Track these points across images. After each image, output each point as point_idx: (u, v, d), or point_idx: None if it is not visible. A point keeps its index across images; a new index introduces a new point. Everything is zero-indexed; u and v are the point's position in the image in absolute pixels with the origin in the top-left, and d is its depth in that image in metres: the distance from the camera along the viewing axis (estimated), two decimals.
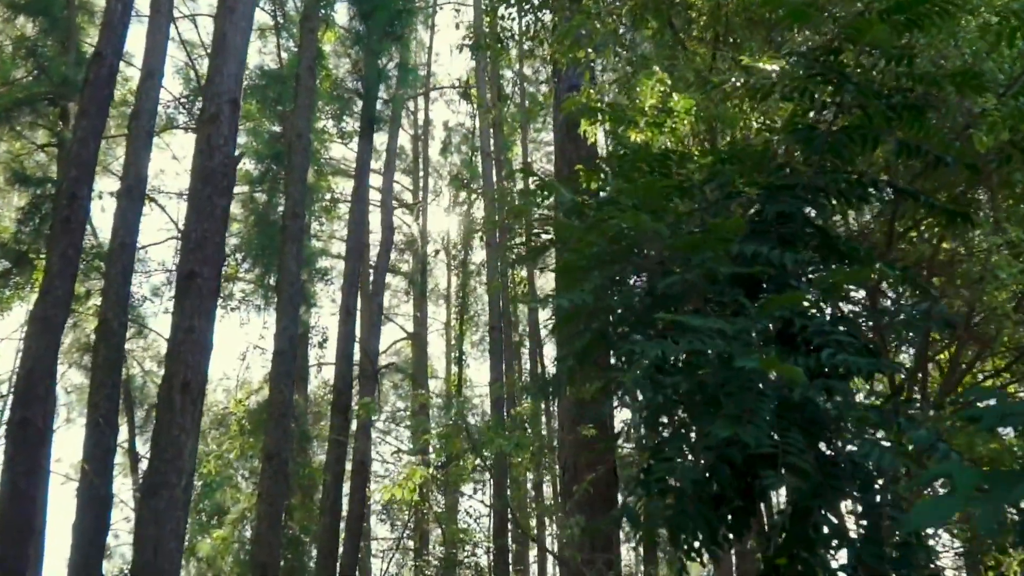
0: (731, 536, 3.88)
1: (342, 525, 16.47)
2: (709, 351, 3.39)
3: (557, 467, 23.79)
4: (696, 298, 3.89)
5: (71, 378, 25.78)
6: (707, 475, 3.38)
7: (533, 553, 26.89)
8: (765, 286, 4.05)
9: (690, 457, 3.91)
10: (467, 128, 33.13)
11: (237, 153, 9.69)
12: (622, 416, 18.14)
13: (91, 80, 11.84)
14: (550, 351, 30.34)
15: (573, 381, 4.07)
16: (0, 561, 9.88)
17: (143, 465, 21.23)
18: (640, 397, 3.99)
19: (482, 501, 16.85)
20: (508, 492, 13.12)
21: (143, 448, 22.45)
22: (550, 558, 26.72)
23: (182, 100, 25.66)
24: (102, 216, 29.48)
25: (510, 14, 11.15)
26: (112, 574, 19.82)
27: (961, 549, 8.73)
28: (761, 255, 3.72)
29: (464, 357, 31.49)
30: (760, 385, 3.37)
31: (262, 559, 14.59)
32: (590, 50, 9.67)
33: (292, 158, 17.47)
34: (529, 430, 13.00)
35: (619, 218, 3.70)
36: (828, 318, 4.09)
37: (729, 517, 3.99)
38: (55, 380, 11.59)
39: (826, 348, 3.58)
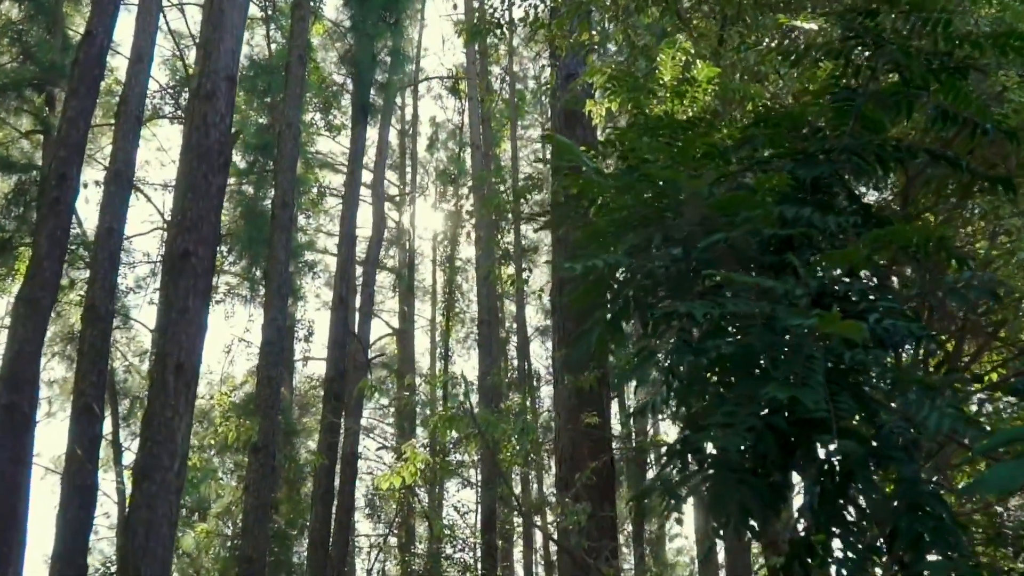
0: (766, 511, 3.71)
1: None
2: (755, 312, 3.23)
3: (545, 461, 23.68)
4: (732, 262, 3.72)
5: (51, 371, 25.43)
6: (751, 444, 3.21)
7: (518, 551, 26.73)
8: (796, 253, 3.89)
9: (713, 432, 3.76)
10: (454, 124, 32.98)
11: (233, 132, 9.49)
12: (624, 404, 17.99)
13: (81, 60, 11.63)
14: (536, 348, 30.28)
15: (602, 351, 3.90)
16: None
17: (126, 458, 20.96)
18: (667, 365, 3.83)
19: (476, 484, 16.72)
20: (502, 485, 12.85)
21: (126, 442, 22.17)
22: (536, 556, 26.60)
23: (168, 91, 25.42)
24: (86, 207, 29.15)
25: None
26: (92, 567, 19.47)
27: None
28: (803, 217, 3.56)
29: (450, 353, 31.33)
30: (809, 349, 3.21)
31: (248, 552, 14.40)
32: (594, 32, 9.51)
33: (282, 147, 17.26)
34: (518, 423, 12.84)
35: (657, 175, 3.53)
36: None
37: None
38: (40, 365, 11.36)
39: (872, 313, 3.43)
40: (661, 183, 3.65)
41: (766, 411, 3.18)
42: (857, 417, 3.64)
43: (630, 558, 24.43)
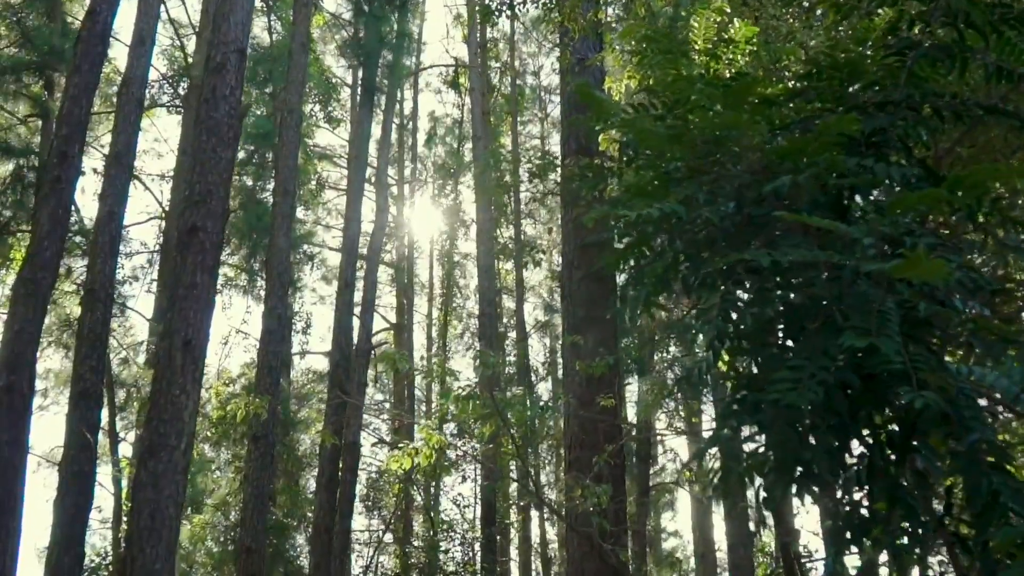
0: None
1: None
2: (821, 261, 3.04)
3: (543, 456, 23.47)
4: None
5: (47, 360, 25.08)
6: (820, 401, 3.01)
7: (514, 548, 26.55)
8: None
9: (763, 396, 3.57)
10: (454, 118, 32.78)
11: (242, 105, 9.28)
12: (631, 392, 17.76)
13: (84, 37, 11.40)
14: (534, 344, 30.07)
15: (648, 309, 3.70)
16: None
17: (123, 448, 20.71)
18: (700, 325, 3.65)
19: (476, 468, 16.45)
20: (518, 464, 12.40)
21: (123, 432, 21.89)
22: (533, 551, 26.43)
23: (167, 79, 25.19)
24: (82, 196, 28.88)
25: None
26: (87, 558, 19.16)
27: None
28: (866, 167, 3.37)
29: (448, 348, 31.13)
30: (880, 300, 3.02)
31: (247, 543, 14.21)
32: (612, 10, 9.34)
33: (283, 134, 17.08)
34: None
35: (712, 122, 3.33)
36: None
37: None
38: (38, 347, 11.12)
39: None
40: (715, 131, 3.45)
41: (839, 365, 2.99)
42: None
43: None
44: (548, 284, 29.37)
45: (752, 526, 17.30)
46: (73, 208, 19.02)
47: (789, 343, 3.48)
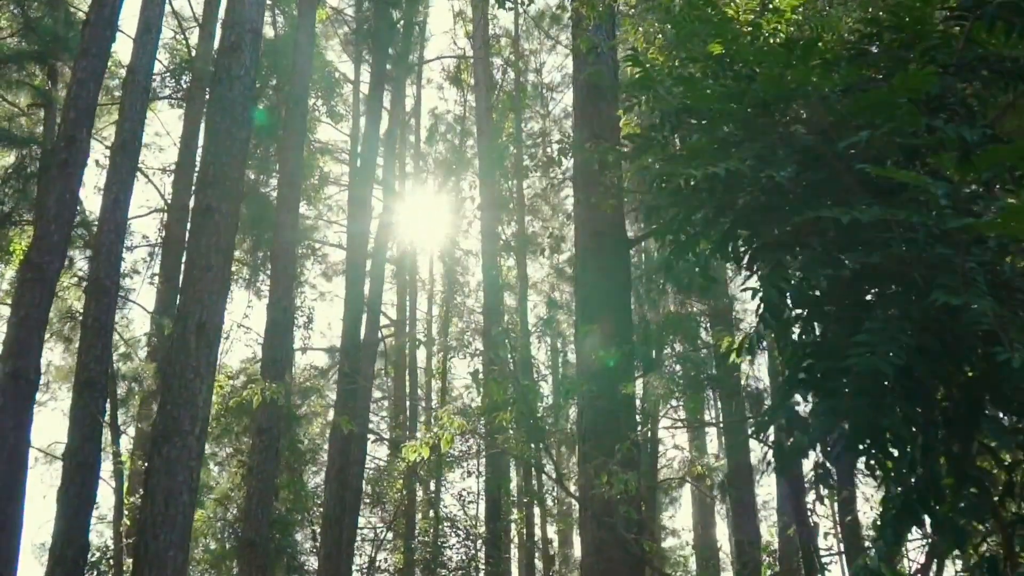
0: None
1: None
2: (898, 219, 2.88)
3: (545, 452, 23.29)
4: (853, 182, 3.36)
5: (47, 354, 24.88)
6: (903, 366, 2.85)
7: (513, 545, 26.40)
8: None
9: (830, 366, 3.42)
10: (456, 115, 32.62)
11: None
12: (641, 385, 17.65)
13: (92, 20, 11.23)
14: (535, 341, 29.87)
15: (705, 274, 3.56)
16: None
17: (124, 442, 20.51)
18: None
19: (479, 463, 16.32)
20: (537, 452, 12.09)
21: (124, 426, 21.68)
22: (535, 545, 26.28)
23: (169, 72, 25.02)
24: (82, 189, 28.65)
25: None
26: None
27: None
28: (938, 128, 3.22)
29: (450, 346, 30.97)
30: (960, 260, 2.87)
31: (250, 536, 14.04)
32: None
33: (289, 125, 16.94)
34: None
35: (775, 83, 3.17)
36: None
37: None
38: (45, 333, 10.94)
39: None
40: (780, 89, 3.29)
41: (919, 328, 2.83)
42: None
43: None
44: (550, 281, 29.25)
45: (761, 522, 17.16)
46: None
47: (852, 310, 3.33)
